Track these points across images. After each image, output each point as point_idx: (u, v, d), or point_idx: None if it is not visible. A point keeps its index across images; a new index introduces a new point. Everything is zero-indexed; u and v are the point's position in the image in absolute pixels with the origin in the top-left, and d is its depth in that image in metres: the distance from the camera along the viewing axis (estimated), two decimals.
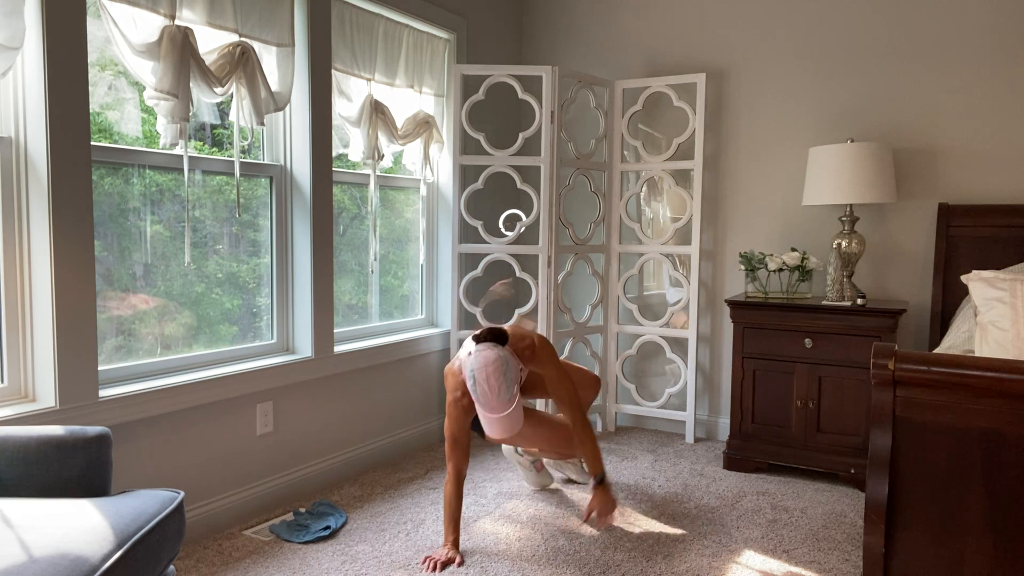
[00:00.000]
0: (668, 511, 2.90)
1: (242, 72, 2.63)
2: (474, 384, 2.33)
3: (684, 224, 3.78)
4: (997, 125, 3.25)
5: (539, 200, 3.67)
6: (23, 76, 2.14)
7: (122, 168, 2.45)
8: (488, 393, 2.31)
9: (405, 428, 3.59)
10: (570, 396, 2.58)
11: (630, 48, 4.06)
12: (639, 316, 3.93)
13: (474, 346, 2.40)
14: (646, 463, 3.47)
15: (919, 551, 1.72)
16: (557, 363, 2.58)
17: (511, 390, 2.34)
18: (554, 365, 2.56)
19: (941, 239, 3.26)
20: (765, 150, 3.75)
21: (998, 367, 1.61)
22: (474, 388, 2.34)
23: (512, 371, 2.36)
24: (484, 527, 2.73)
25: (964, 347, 2.39)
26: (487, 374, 2.31)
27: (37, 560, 1.34)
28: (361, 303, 3.48)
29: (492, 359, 2.33)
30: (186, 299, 2.69)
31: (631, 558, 2.49)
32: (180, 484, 2.55)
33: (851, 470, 3.14)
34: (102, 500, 1.63)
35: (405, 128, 3.48)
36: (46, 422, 2.13)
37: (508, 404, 2.34)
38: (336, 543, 2.58)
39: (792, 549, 2.58)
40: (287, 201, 3.02)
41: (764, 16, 3.71)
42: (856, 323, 3.11)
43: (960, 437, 1.67)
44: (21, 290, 2.18)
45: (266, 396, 2.85)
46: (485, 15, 4.05)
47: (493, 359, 2.34)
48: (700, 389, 3.95)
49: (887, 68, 3.45)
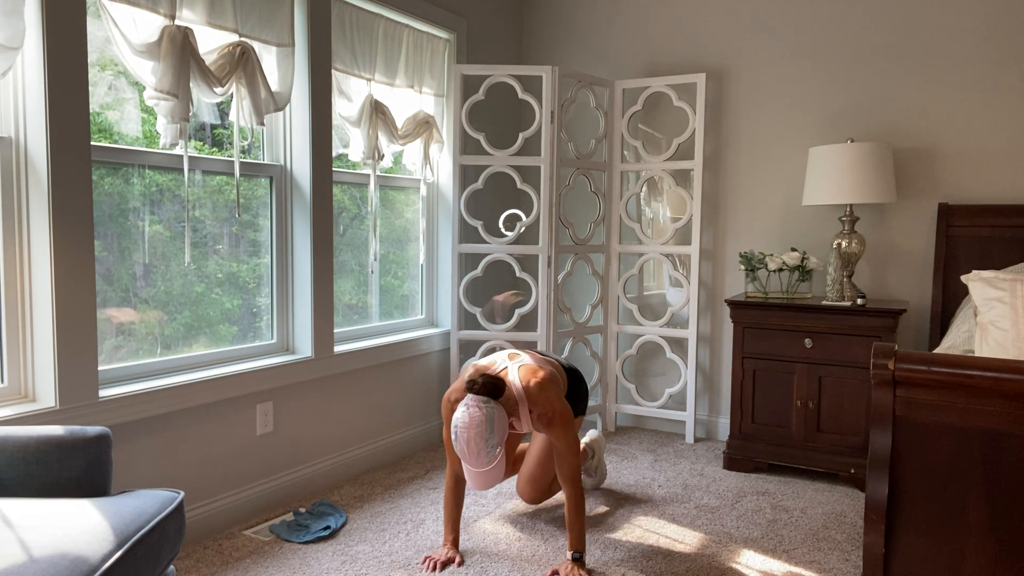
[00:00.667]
0: (668, 511, 2.90)
1: (242, 72, 2.63)
2: (455, 439, 2.25)
3: (684, 224, 3.78)
4: (997, 125, 3.25)
5: (539, 200, 3.67)
6: (23, 76, 2.14)
7: (122, 168, 2.45)
8: (467, 453, 2.24)
9: (405, 428, 3.59)
10: (572, 473, 2.40)
11: (630, 48, 4.06)
12: (639, 316, 3.93)
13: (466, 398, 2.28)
14: (646, 463, 3.47)
15: (919, 551, 1.72)
16: (571, 436, 2.40)
17: (492, 452, 2.24)
18: (566, 438, 2.39)
19: (941, 239, 3.26)
20: (765, 150, 3.75)
21: (998, 367, 1.61)
22: (455, 442, 2.26)
23: (497, 434, 2.24)
24: (484, 527, 2.73)
25: (964, 347, 2.39)
26: (468, 436, 2.21)
27: (37, 560, 1.34)
28: (361, 303, 3.48)
29: (477, 422, 2.21)
30: (186, 299, 2.69)
31: (631, 558, 2.49)
32: (180, 484, 2.55)
33: (851, 470, 3.14)
34: (102, 500, 1.63)
35: (405, 128, 3.48)
36: (46, 422, 2.13)
37: (487, 464, 2.26)
38: (336, 543, 2.58)
39: (792, 549, 2.58)
40: (287, 201, 3.02)
41: (764, 16, 3.71)
42: (856, 323, 3.11)
43: (960, 437, 1.67)
44: (21, 290, 2.18)
45: (266, 396, 2.85)
46: (485, 15, 4.05)
47: (478, 422, 2.21)
48: (700, 389, 3.95)
49: (887, 68, 3.45)
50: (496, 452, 2.25)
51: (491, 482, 2.30)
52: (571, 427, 2.40)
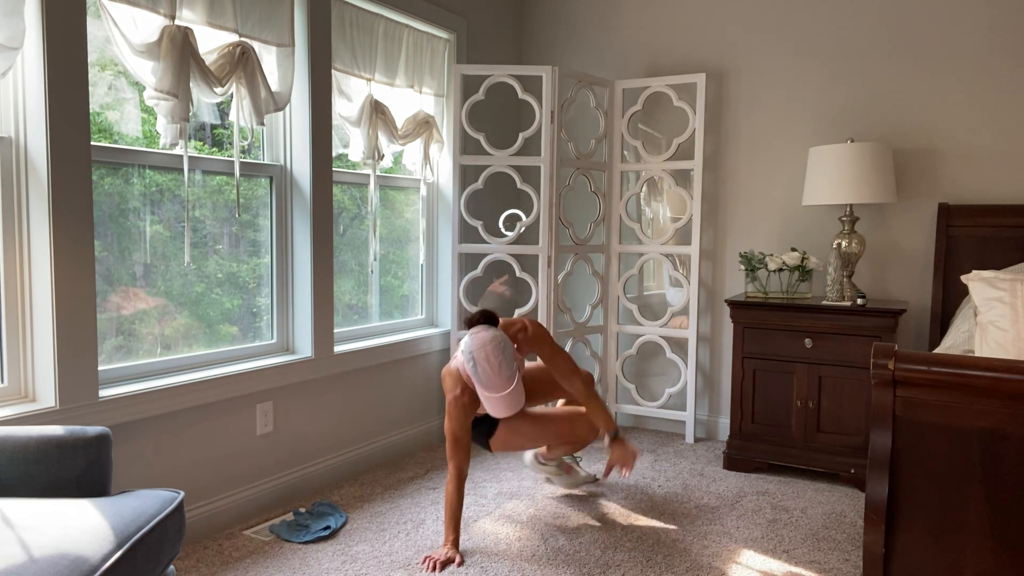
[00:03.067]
0: (668, 511, 2.90)
1: (242, 72, 2.63)
2: (474, 365, 2.41)
3: (684, 224, 3.78)
4: (997, 125, 3.25)
5: (539, 200, 3.67)
6: (23, 76, 2.14)
7: (122, 168, 2.45)
8: (489, 371, 2.39)
9: (405, 428, 3.59)
10: (569, 366, 2.65)
11: (630, 48, 4.06)
12: (639, 316, 3.93)
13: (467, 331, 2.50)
14: (646, 463, 3.47)
15: (919, 551, 1.72)
16: (550, 341, 2.67)
17: (511, 366, 2.42)
18: (547, 343, 2.65)
19: (941, 239, 3.26)
20: (765, 150, 3.75)
21: (998, 367, 1.61)
22: (474, 369, 2.41)
23: (509, 348, 2.45)
24: (484, 527, 2.73)
25: (964, 347, 2.39)
26: (486, 353, 2.40)
27: (37, 560, 1.34)
28: (361, 303, 3.48)
29: (489, 338, 2.43)
30: (186, 299, 2.69)
31: (631, 558, 2.49)
32: (180, 484, 2.55)
33: (851, 470, 3.14)
34: (102, 500, 1.63)
35: (405, 128, 3.48)
36: (46, 422, 2.13)
37: (510, 381, 2.42)
38: (336, 543, 2.58)
39: (792, 549, 2.58)
40: (287, 201, 3.02)
41: (764, 16, 3.71)
42: (856, 323, 3.11)
43: (960, 437, 1.67)
44: (21, 290, 2.18)
45: (266, 396, 2.85)
46: (485, 15, 4.05)
47: (490, 338, 2.43)
48: (700, 389, 3.95)
49: (887, 68, 3.45)
50: (514, 366, 2.44)
51: (516, 404, 2.46)
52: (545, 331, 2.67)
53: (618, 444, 2.64)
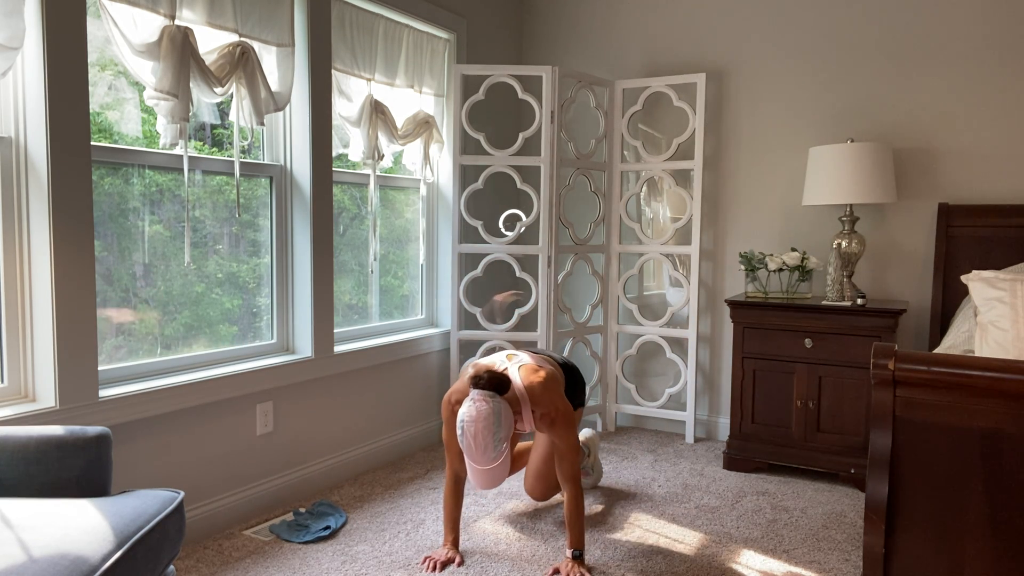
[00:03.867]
0: (668, 511, 2.90)
1: (242, 72, 2.63)
2: (462, 434, 2.22)
3: (684, 224, 3.78)
4: (997, 125, 3.25)
5: (539, 200, 3.67)
6: (23, 76, 2.14)
7: (122, 168, 2.45)
8: (475, 449, 2.20)
9: (405, 428, 3.59)
10: (573, 472, 2.40)
11: (630, 48, 4.06)
12: (639, 316, 3.93)
13: (472, 392, 2.27)
14: (646, 463, 3.47)
15: (919, 551, 1.72)
16: (573, 435, 2.39)
17: (499, 448, 2.21)
18: (568, 438, 2.38)
19: (941, 239, 3.26)
20: (765, 150, 3.75)
21: (998, 367, 1.61)
22: (461, 438, 2.23)
23: (504, 428, 2.21)
24: (484, 527, 2.73)
25: (964, 347, 2.39)
26: (476, 430, 2.18)
27: (37, 560, 1.34)
28: (361, 303, 3.48)
29: (484, 415, 2.19)
30: (186, 299, 2.69)
31: (631, 557, 2.49)
32: (180, 484, 2.55)
33: (851, 470, 3.14)
34: (102, 500, 1.63)
35: (405, 128, 3.48)
36: (46, 422, 2.13)
37: (493, 461, 2.23)
38: (336, 543, 2.58)
39: (792, 549, 2.58)
40: (287, 201, 3.02)
41: (764, 16, 3.71)
42: (856, 323, 3.11)
43: (960, 437, 1.67)
44: (21, 290, 2.18)
45: (266, 396, 2.85)
46: (485, 15, 4.05)
47: (485, 415, 2.19)
48: (700, 389, 3.95)
49: (887, 68, 3.45)
50: (502, 448, 2.23)
51: (496, 481, 2.29)
52: (573, 427, 2.40)
53: (577, 565, 2.37)
